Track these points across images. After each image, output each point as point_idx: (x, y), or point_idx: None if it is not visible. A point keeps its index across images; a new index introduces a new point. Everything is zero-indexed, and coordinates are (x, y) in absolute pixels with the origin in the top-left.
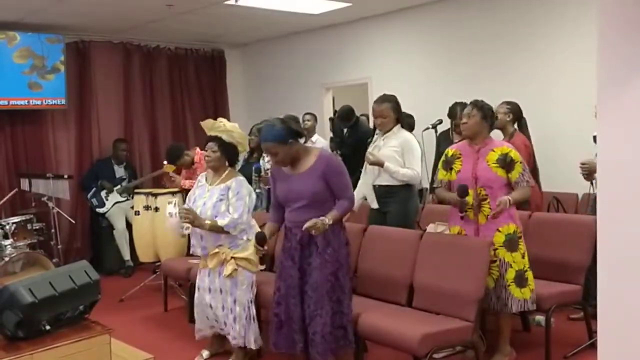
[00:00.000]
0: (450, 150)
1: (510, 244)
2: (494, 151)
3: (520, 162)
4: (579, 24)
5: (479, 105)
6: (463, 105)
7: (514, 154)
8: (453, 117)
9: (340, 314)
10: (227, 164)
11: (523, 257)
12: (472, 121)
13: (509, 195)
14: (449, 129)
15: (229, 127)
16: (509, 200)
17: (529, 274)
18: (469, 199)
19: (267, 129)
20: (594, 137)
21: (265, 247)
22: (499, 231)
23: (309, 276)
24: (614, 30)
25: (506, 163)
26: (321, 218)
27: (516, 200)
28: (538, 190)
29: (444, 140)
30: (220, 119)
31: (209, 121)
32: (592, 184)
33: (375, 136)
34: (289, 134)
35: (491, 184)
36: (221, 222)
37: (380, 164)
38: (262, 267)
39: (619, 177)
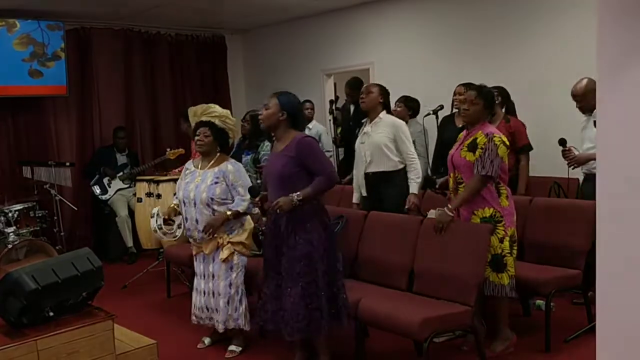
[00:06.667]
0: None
1: None
2: (474, 137)
3: (481, 149)
4: (577, 5)
5: (483, 92)
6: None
7: (482, 139)
8: None
9: (315, 297)
10: (218, 149)
11: (502, 241)
12: (474, 109)
13: (449, 204)
14: (453, 113)
15: (221, 113)
16: (447, 207)
17: (509, 260)
18: (450, 182)
19: (287, 93)
20: (594, 122)
21: (258, 200)
22: (474, 214)
23: (283, 257)
24: (613, 15)
25: (473, 147)
26: (290, 195)
27: (462, 200)
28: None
29: (447, 124)
30: (210, 105)
31: (201, 106)
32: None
33: (363, 124)
34: (289, 108)
35: (461, 168)
36: (242, 208)
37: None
38: (259, 252)
39: (618, 163)
